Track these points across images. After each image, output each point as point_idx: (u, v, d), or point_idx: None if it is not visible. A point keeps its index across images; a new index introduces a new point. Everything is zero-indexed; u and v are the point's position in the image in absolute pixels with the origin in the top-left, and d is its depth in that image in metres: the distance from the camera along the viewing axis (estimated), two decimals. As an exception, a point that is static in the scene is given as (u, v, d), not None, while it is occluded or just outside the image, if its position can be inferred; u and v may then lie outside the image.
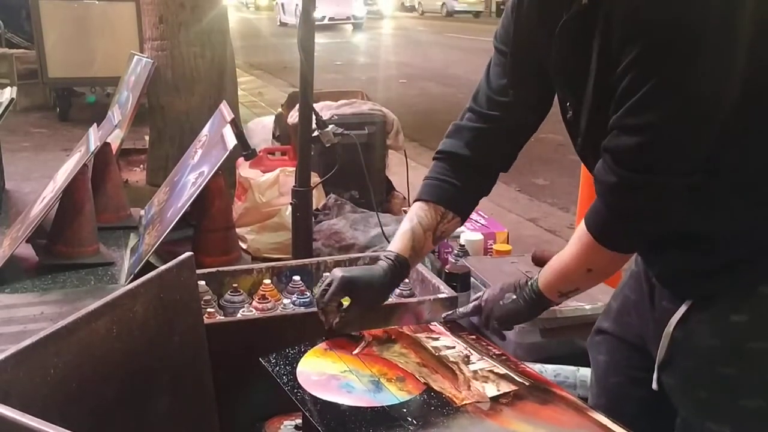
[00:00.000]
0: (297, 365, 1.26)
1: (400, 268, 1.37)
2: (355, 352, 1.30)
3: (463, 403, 1.15)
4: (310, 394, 1.17)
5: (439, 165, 1.42)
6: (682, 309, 1.17)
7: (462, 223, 1.45)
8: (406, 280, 1.68)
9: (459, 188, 1.39)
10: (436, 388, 1.19)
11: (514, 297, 1.32)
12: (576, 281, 1.25)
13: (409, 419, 1.10)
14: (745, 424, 1.14)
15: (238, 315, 1.58)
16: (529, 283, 1.31)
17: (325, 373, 1.23)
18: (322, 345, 1.33)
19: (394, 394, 1.17)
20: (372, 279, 1.34)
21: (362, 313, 1.36)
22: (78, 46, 6.16)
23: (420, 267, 1.71)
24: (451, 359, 1.29)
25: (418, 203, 1.42)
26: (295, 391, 1.18)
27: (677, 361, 1.19)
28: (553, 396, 1.19)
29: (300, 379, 1.21)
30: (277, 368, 1.25)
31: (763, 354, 1.11)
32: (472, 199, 1.44)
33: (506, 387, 1.20)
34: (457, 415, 1.12)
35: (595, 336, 1.45)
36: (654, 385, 1.23)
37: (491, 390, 1.19)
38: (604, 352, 1.41)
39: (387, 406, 1.14)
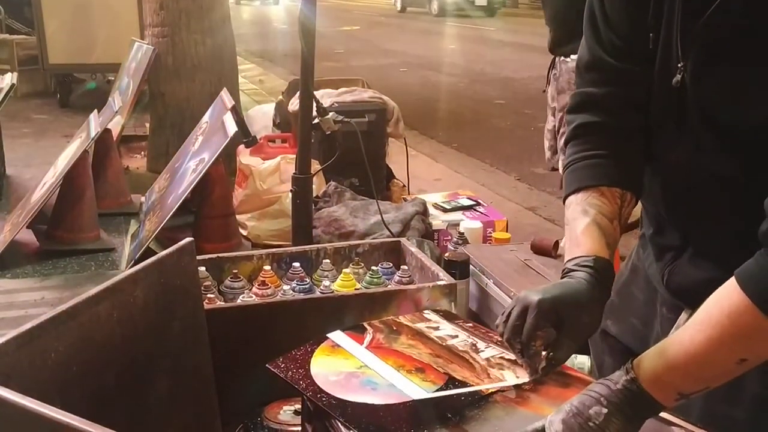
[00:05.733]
0: (310, 367, 1.20)
1: (604, 274, 1.02)
2: (363, 345, 1.26)
3: (490, 392, 1.12)
4: (336, 397, 1.11)
5: (586, 140, 1.13)
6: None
7: (637, 203, 1.14)
8: (404, 267, 1.69)
9: (623, 161, 1.10)
10: (458, 377, 1.16)
11: (606, 411, 0.90)
12: (708, 379, 0.91)
13: (445, 413, 1.06)
14: None
15: (238, 301, 1.59)
16: (620, 385, 0.91)
17: (342, 372, 1.18)
18: (327, 342, 1.28)
19: (418, 386, 1.13)
20: (579, 296, 0.99)
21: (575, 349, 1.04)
22: (79, 33, 6.16)
23: (419, 254, 1.71)
24: (461, 348, 1.26)
25: (580, 194, 1.10)
26: (319, 396, 1.12)
27: None
28: (571, 378, 1.16)
29: (318, 382, 1.15)
30: (290, 373, 1.19)
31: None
32: (639, 169, 1.12)
33: (523, 372, 1.16)
34: (489, 405, 1.09)
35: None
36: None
37: (510, 376, 1.16)
38: (608, 353, 1.32)
39: (418, 400, 1.10)
